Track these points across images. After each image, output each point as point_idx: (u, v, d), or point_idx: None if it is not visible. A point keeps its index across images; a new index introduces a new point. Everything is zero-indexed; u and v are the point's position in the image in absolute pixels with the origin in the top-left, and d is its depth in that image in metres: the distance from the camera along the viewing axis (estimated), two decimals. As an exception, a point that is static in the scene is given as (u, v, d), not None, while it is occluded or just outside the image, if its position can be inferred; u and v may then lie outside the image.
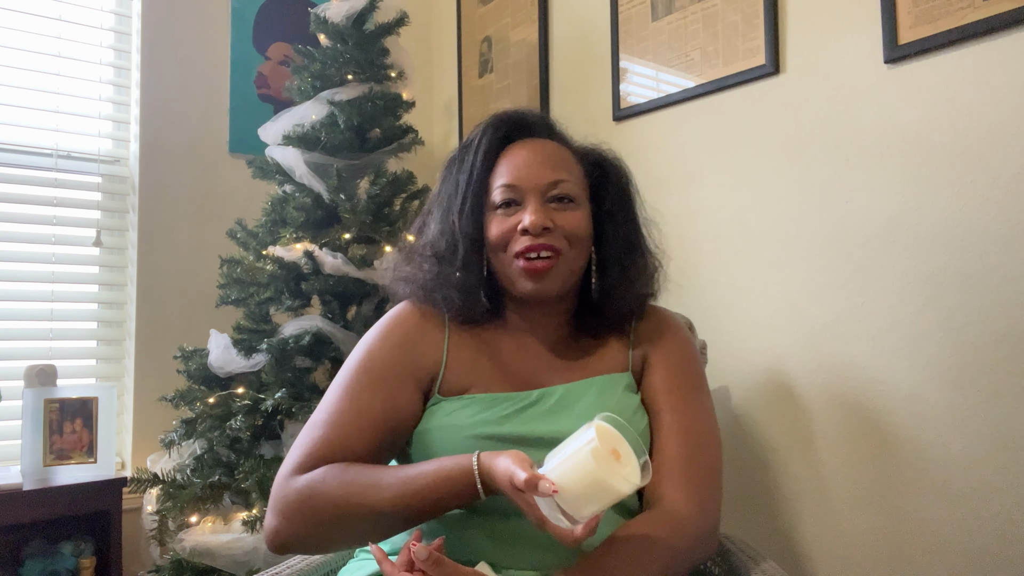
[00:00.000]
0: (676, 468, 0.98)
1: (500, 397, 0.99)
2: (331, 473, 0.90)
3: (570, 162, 1.06)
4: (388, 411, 0.97)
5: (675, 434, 1.00)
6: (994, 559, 1.22)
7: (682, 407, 1.02)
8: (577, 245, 1.01)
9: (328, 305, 1.83)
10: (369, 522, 0.88)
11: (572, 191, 1.02)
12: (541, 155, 1.03)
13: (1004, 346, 1.22)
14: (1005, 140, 1.22)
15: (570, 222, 1.00)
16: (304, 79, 1.93)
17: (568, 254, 1.00)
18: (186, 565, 1.62)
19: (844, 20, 1.43)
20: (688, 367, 1.07)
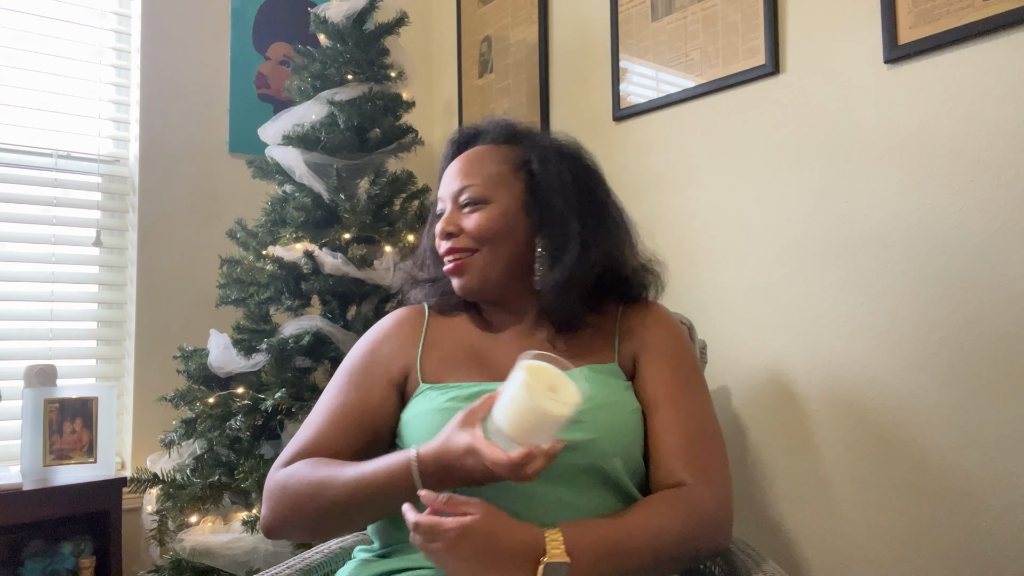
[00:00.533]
0: (682, 458, 0.98)
1: (479, 386, 1.01)
2: (301, 467, 0.99)
3: (486, 164, 1.10)
4: (362, 407, 1.05)
5: (677, 427, 1.00)
6: (994, 559, 1.22)
7: (680, 399, 1.03)
8: (489, 242, 1.06)
9: (328, 305, 1.83)
10: (327, 513, 0.96)
11: (478, 194, 1.07)
12: (458, 164, 1.11)
13: (1004, 346, 1.22)
14: (1005, 140, 1.22)
15: (472, 223, 1.06)
16: (304, 79, 1.93)
17: (485, 253, 1.06)
18: (186, 565, 1.62)
19: (844, 20, 1.43)
20: (682, 359, 1.08)
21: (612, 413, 0.99)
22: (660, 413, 1.02)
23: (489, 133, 1.15)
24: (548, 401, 0.80)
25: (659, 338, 1.08)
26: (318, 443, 1.02)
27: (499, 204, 1.06)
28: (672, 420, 1.01)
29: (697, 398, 1.05)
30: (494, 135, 1.15)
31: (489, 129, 1.16)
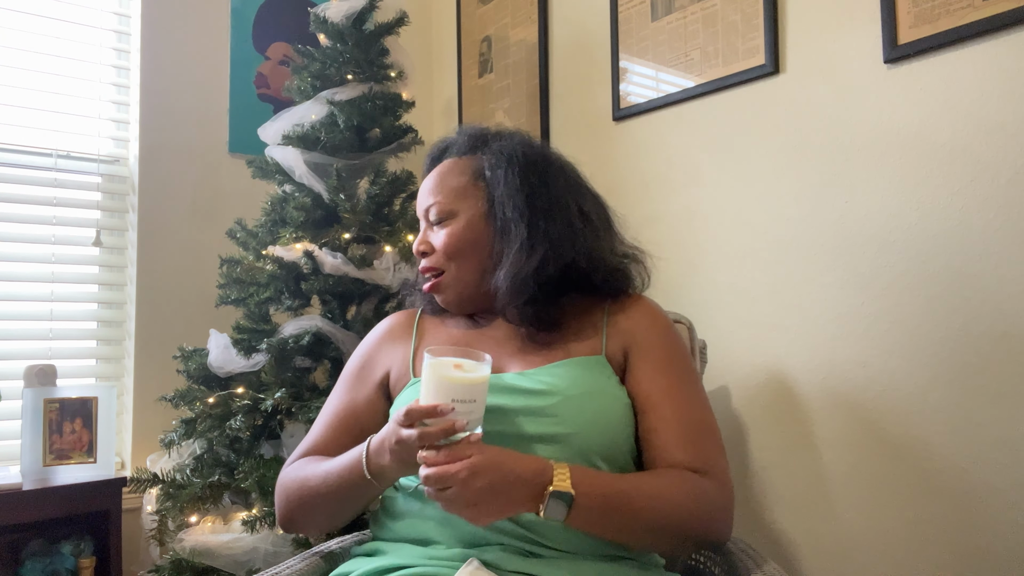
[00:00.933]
0: (682, 449, 0.99)
1: None
2: (297, 466, 1.08)
3: (448, 178, 1.11)
4: (350, 410, 1.12)
5: (675, 420, 1.00)
6: (994, 559, 1.22)
7: (676, 393, 1.03)
8: (458, 256, 1.08)
9: (328, 305, 1.83)
10: (310, 505, 1.03)
11: (442, 210, 1.09)
12: (427, 181, 1.14)
13: (1004, 346, 1.22)
14: (1005, 140, 1.22)
15: (440, 240, 1.09)
16: (304, 79, 1.93)
17: (451, 268, 1.09)
18: (186, 565, 1.61)
19: (844, 20, 1.43)
20: (673, 352, 1.07)
21: (595, 404, 0.99)
22: (657, 408, 1.01)
23: (455, 145, 1.16)
24: (450, 371, 0.87)
25: (648, 333, 1.07)
26: (316, 445, 1.11)
27: (463, 217, 1.08)
28: (670, 414, 1.00)
29: (692, 391, 1.05)
30: (459, 147, 1.16)
31: (456, 140, 1.17)
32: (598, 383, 1.01)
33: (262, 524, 1.56)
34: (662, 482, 0.95)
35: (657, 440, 1.00)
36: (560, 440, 0.95)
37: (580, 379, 1.00)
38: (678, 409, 1.01)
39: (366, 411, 1.12)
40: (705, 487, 0.96)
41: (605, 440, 0.98)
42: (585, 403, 0.97)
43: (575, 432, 0.95)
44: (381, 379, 1.14)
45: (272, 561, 1.52)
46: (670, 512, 0.92)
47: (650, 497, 0.92)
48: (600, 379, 1.02)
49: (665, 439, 0.99)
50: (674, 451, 0.98)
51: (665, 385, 1.03)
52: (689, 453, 0.98)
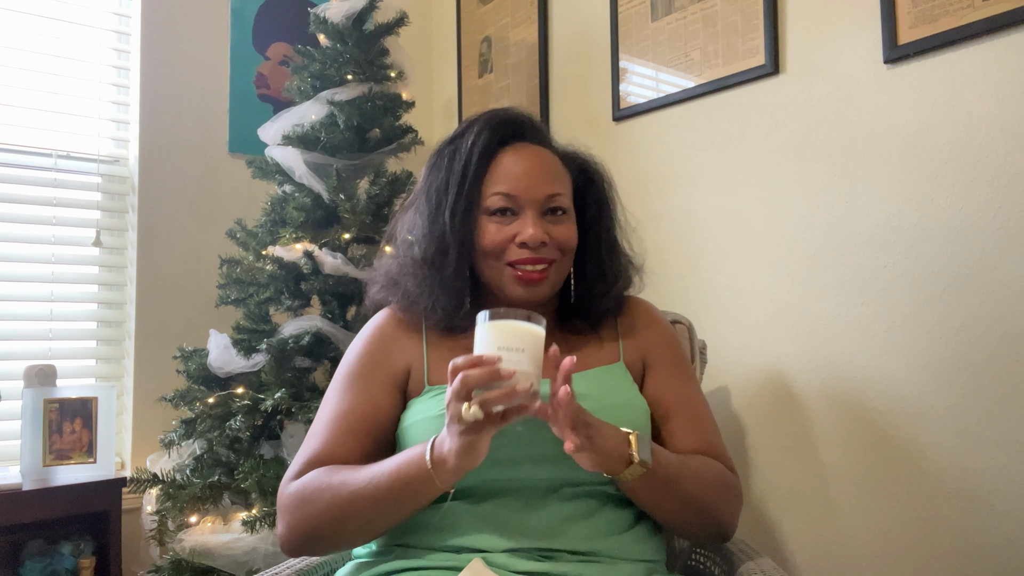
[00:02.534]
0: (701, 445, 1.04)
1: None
2: (315, 475, 0.94)
3: (562, 172, 1.07)
4: (369, 410, 1.00)
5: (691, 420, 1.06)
6: (994, 559, 1.22)
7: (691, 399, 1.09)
8: (568, 255, 1.05)
9: (328, 305, 1.83)
10: (349, 517, 0.92)
11: (566, 203, 1.04)
12: (539, 166, 1.03)
13: (1004, 346, 1.22)
14: (1005, 140, 1.21)
15: (564, 234, 1.02)
16: (304, 79, 1.93)
17: (560, 264, 1.03)
18: (186, 565, 1.62)
19: (844, 20, 1.43)
20: (681, 358, 1.14)
21: (622, 414, 0.99)
22: (677, 414, 1.06)
23: (534, 132, 1.08)
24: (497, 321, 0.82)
25: (660, 338, 1.13)
26: (326, 452, 0.98)
27: (572, 218, 1.06)
28: (688, 418, 1.06)
29: (699, 393, 1.12)
30: (541, 136, 1.09)
31: (533, 127, 1.08)
32: (623, 392, 1.05)
33: (262, 524, 1.56)
34: (702, 463, 1.00)
35: (679, 444, 1.04)
36: None
37: (606, 388, 1.03)
38: (693, 412, 1.07)
39: (388, 413, 1.01)
40: (729, 477, 1.03)
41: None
42: (613, 412, 0.97)
43: None
44: (399, 377, 1.04)
45: (272, 561, 1.52)
46: (708, 490, 0.98)
47: (695, 471, 0.98)
48: (624, 388, 1.06)
49: (685, 442, 1.04)
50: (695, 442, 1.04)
51: (681, 391, 1.08)
52: (710, 451, 1.04)
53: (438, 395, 0.99)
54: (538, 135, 1.09)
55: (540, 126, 1.11)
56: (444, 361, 0.92)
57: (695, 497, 0.97)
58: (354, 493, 0.90)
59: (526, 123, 1.08)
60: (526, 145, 1.06)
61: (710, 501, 0.99)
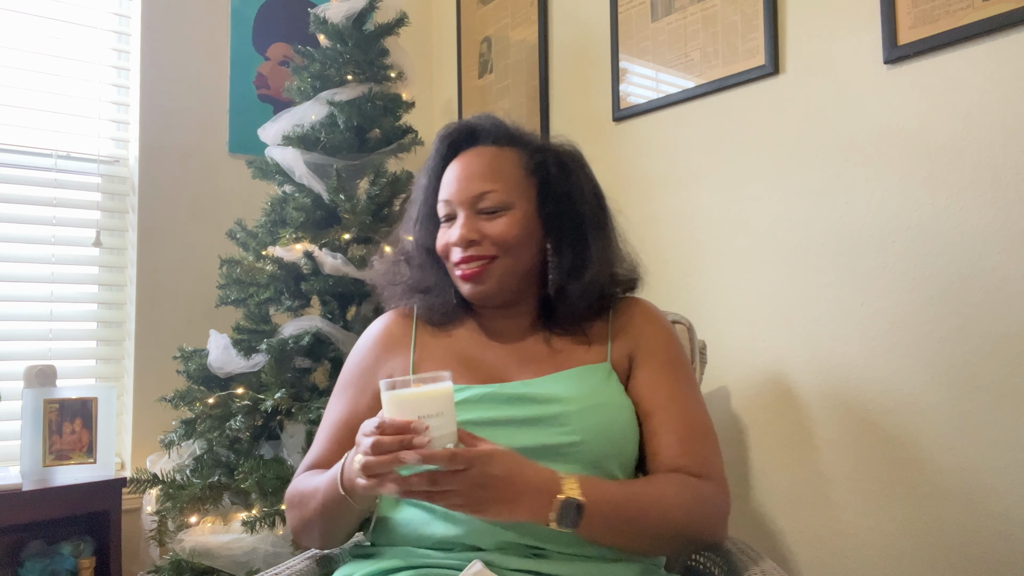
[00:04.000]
0: (681, 453, 0.99)
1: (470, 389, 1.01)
2: (301, 480, 1.05)
3: (505, 167, 1.07)
4: (352, 419, 1.07)
5: (676, 424, 1.01)
6: (994, 559, 1.22)
7: (678, 397, 1.04)
8: (512, 249, 1.04)
9: (328, 305, 1.83)
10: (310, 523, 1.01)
11: (500, 200, 1.04)
12: (471, 167, 1.07)
13: (1004, 346, 1.22)
14: (1005, 140, 1.21)
15: (496, 230, 1.04)
16: (304, 79, 1.93)
17: (503, 258, 1.04)
18: (185, 565, 1.61)
19: (844, 20, 1.43)
20: (675, 356, 1.08)
21: (603, 415, 0.99)
22: (658, 412, 1.02)
23: (489, 133, 1.11)
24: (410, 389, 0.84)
25: (652, 337, 1.08)
26: (319, 459, 1.08)
27: (519, 209, 1.05)
28: (671, 418, 1.01)
29: (692, 394, 1.07)
30: (495, 136, 1.10)
31: (487, 128, 1.11)
32: (604, 392, 1.02)
33: (262, 525, 1.56)
34: (665, 488, 0.95)
35: (658, 444, 1.01)
36: (569, 450, 0.95)
37: (587, 388, 1.01)
38: (678, 413, 1.02)
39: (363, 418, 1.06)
40: (704, 491, 0.97)
41: (614, 448, 0.99)
42: (593, 413, 0.98)
43: (584, 441, 0.96)
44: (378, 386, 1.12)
45: (272, 562, 1.52)
46: (673, 517, 0.93)
47: (655, 503, 0.93)
48: (606, 387, 1.03)
49: (666, 443, 1.00)
50: (674, 455, 0.99)
51: (666, 389, 1.04)
52: (688, 457, 0.99)
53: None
54: (492, 135, 1.11)
55: (496, 125, 1.11)
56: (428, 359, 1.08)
57: (656, 528, 0.93)
58: (306, 502, 1.01)
59: (478, 126, 1.11)
60: (472, 149, 1.09)
61: (683, 524, 0.94)
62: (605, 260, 1.08)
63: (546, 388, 1.00)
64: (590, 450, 0.96)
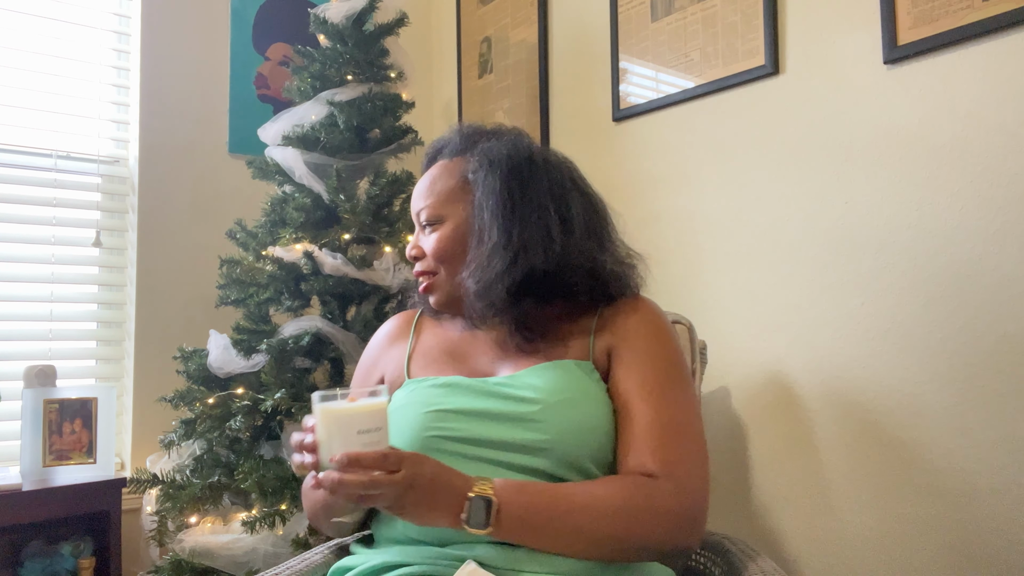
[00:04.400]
0: (649, 450, 0.95)
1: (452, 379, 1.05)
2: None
3: (443, 180, 1.11)
4: None
5: (647, 420, 0.96)
6: (994, 559, 1.22)
7: (655, 392, 0.98)
8: (447, 262, 1.08)
9: (328, 306, 1.83)
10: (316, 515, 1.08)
11: (434, 214, 1.09)
12: (419, 186, 1.13)
13: (1004, 347, 1.22)
14: (1005, 140, 1.22)
15: (431, 245, 1.09)
16: (304, 79, 1.93)
17: (440, 272, 1.09)
18: (185, 566, 1.61)
19: (844, 21, 1.43)
20: (660, 352, 1.03)
21: (576, 410, 0.97)
22: (627, 408, 0.98)
23: (449, 145, 1.15)
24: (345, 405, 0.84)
25: (634, 333, 1.04)
26: None
27: (452, 221, 1.08)
28: (643, 413, 0.97)
29: (674, 393, 1.00)
30: (451, 148, 1.15)
31: (450, 140, 1.15)
32: (581, 387, 0.99)
33: (262, 525, 1.56)
34: (600, 489, 0.91)
35: (627, 438, 0.97)
36: (541, 448, 0.94)
37: (563, 384, 0.99)
38: (650, 410, 0.97)
39: None
40: (653, 492, 0.91)
41: (588, 446, 0.96)
42: (567, 410, 0.96)
43: (557, 439, 0.94)
44: (377, 383, 1.16)
45: (272, 562, 1.52)
46: (606, 519, 0.89)
47: (582, 504, 0.89)
48: (584, 383, 1.00)
49: (629, 440, 0.96)
50: (635, 453, 0.95)
51: (639, 385, 0.99)
52: (650, 457, 0.94)
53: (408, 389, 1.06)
54: (450, 149, 1.14)
55: (455, 137, 1.15)
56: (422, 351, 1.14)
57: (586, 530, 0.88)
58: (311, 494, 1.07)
59: (443, 143, 1.16)
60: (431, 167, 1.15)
61: (620, 527, 0.89)
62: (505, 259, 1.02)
63: (523, 382, 1.00)
64: (562, 449, 0.94)
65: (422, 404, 1.00)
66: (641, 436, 0.95)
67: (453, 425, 0.97)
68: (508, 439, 0.95)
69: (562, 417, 0.95)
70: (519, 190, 1.05)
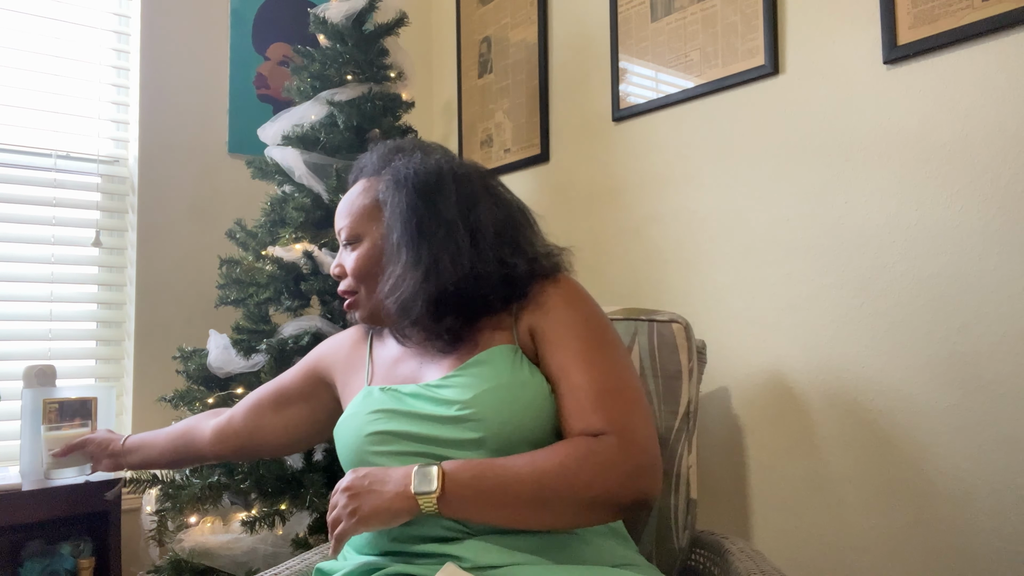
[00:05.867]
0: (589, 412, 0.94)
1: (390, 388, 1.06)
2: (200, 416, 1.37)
3: (356, 201, 1.12)
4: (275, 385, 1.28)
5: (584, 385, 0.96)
6: (994, 559, 1.22)
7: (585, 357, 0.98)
8: (365, 280, 1.09)
9: (327, 305, 1.83)
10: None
11: (352, 233, 1.11)
12: (340, 205, 1.15)
13: (1003, 346, 1.22)
14: (1005, 140, 1.22)
15: (351, 263, 1.11)
16: (303, 79, 1.92)
17: (360, 290, 1.11)
18: (185, 565, 1.61)
19: (843, 21, 1.43)
20: (577, 319, 1.02)
21: (503, 395, 0.96)
22: (560, 379, 0.98)
23: (368, 165, 1.16)
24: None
25: (555, 305, 1.03)
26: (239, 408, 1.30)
27: (368, 241, 1.09)
28: (579, 382, 0.96)
29: (603, 355, 0.99)
30: (370, 167, 1.15)
31: (369, 160, 1.16)
32: (506, 372, 0.98)
33: (261, 525, 1.56)
34: (540, 453, 0.91)
35: (563, 414, 0.97)
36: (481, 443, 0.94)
37: (490, 373, 0.98)
38: (584, 377, 0.96)
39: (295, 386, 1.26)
40: (596, 448, 0.91)
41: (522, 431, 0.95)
42: (498, 395, 0.96)
43: (490, 434, 0.94)
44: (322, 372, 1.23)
45: (271, 562, 1.52)
46: (549, 476, 0.89)
47: (525, 466, 0.90)
48: (511, 368, 0.99)
49: (569, 410, 0.96)
50: (577, 420, 0.95)
51: (570, 356, 0.99)
52: (591, 418, 0.94)
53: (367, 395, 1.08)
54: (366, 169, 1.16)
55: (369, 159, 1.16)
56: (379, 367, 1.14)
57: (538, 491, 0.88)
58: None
59: (361, 163, 1.18)
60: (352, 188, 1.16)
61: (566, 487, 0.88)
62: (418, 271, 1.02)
63: (453, 381, 1.00)
64: (505, 436, 0.94)
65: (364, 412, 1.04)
66: (580, 403, 0.95)
67: (391, 427, 1.00)
68: (444, 436, 0.97)
69: (494, 405, 0.95)
70: (424, 207, 1.04)
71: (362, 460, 1.00)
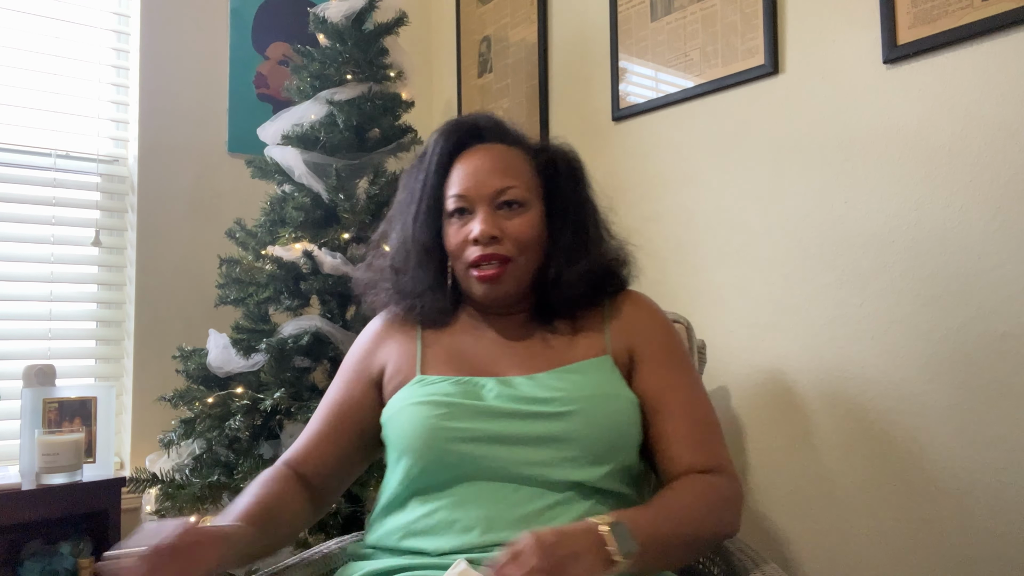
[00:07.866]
0: (691, 447, 1.00)
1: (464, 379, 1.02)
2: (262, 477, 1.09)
3: (520, 165, 1.07)
4: (345, 403, 1.10)
5: (683, 417, 1.02)
6: (994, 559, 1.22)
7: (682, 390, 1.04)
8: (527, 250, 1.04)
9: (327, 305, 1.83)
10: None
11: (520, 195, 1.04)
12: (489, 162, 1.05)
13: (1003, 346, 1.22)
14: (1004, 140, 1.21)
15: (517, 228, 1.03)
16: (303, 79, 1.92)
17: (518, 259, 1.04)
18: (185, 565, 1.61)
19: (843, 20, 1.43)
20: (675, 348, 1.09)
21: (608, 406, 0.99)
22: (667, 409, 1.02)
23: (493, 131, 1.11)
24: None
25: (652, 331, 1.08)
26: (314, 437, 1.10)
27: (534, 210, 1.06)
28: (679, 414, 1.02)
29: (696, 387, 1.07)
30: (501, 135, 1.11)
31: (491, 126, 1.12)
32: (608, 385, 1.02)
33: (261, 524, 1.55)
34: (685, 498, 0.95)
35: (669, 443, 1.01)
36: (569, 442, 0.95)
37: (593, 380, 1.01)
38: (685, 408, 1.02)
39: (362, 406, 1.10)
40: (718, 486, 0.97)
41: (619, 441, 0.99)
42: (597, 406, 0.98)
43: (587, 436, 0.96)
44: (376, 374, 1.11)
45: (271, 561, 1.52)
46: (698, 525, 0.93)
47: (681, 518, 0.92)
48: (609, 381, 1.02)
49: (677, 441, 1.01)
50: (686, 453, 1.00)
51: (672, 384, 1.04)
52: (700, 454, 0.99)
53: (429, 384, 1.03)
54: (497, 134, 1.11)
55: (498, 124, 1.12)
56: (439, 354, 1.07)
57: (691, 536, 0.92)
58: None
59: (483, 124, 1.11)
60: (482, 146, 1.09)
61: (706, 528, 0.94)
62: (600, 251, 1.10)
63: (549, 384, 1.00)
64: (592, 443, 0.96)
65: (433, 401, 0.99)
66: (684, 436, 1.00)
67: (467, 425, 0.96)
68: (528, 433, 0.95)
69: (593, 415, 0.97)
70: (590, 192, 1.13)
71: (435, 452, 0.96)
